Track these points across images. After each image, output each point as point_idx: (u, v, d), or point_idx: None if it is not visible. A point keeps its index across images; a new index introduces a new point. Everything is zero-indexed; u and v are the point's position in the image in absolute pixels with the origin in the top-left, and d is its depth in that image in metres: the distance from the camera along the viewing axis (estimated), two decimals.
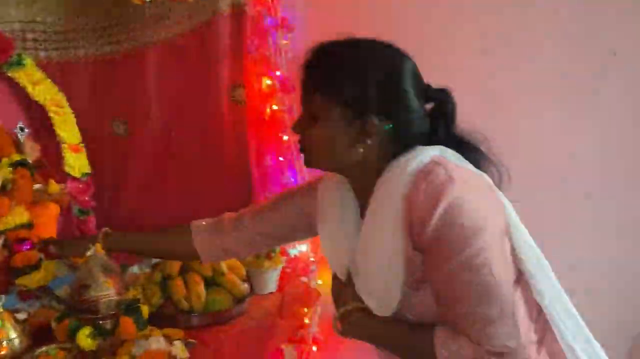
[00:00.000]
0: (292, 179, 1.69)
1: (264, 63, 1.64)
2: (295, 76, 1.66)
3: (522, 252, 0.98)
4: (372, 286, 1.01)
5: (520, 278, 0.99)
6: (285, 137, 1.68)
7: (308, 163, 1.05)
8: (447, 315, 0.93)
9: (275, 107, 1.65)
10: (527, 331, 0.97)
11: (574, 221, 1.54)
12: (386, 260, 0.96)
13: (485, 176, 0.99)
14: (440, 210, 0.88)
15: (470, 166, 0.99)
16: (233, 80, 1.72)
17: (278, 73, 1.66)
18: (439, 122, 1.01)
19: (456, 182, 0.90)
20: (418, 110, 0.99)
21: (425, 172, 0.92)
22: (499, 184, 1.01)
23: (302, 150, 1.04)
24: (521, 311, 0.97)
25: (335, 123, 0.97)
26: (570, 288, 1.05)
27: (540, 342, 1.00)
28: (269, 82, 1.66)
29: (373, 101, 0.96)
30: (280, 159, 1.70)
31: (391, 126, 0.97)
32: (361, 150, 0.97)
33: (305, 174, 1.71)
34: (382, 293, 0.99)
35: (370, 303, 1.02)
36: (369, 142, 0.97)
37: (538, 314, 1.01)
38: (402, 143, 0.98)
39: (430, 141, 1.00)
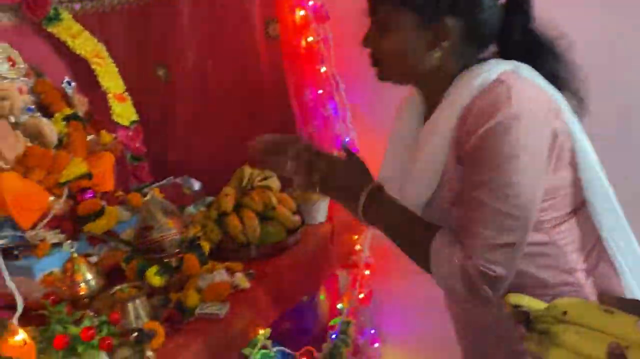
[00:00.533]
0: (333, 112, 1.69)
1: None
2: (328, 4, 1.65)
3: (587, 181, 0.96)
4: (407, 192, 1.02)
5: (581, 206, 0.98)
6: (323, 69, 1.66)
7: (382, 76, 1.03)
8: (459, 219, 0.92)
9: (310, 38, 1.63)
10: (576, 259, 0.97)
11: None
12: (426, 169, 0.96)
13: (555, 97, 0.94)
14: (486, 127, 0.87)
15: (543, 84, 0.94)
16: (266, 15, 1.70)
17: (311, 3, 1.62)
18: (515, 18, 0.97)
19: (513, 104, 0.87)
20: (491, 6, 0.95)
21: (487, 90, 0.90)
22: (576, 106, 0.97)
23: (374, 64, 1.02)
24: (573, 239, 0.97)
25: (408, 29, 0.95)
26: None
27: (589, 271, 0.99)
28: (302, 13, 1.62)
29: (444, 1, 0.92)
30: (320, 91, 1.69)
31: (464, 25, 0.94)
32: (437, 55, 0.96)
33: (347, 105, 1.71)
34: (414, 199, 1.01)
35: None
36: (444, 44, 0.94)
37: (594, 245, 1.00)
38: (477, 44, 0.97)
39: (506, 43, 0.97)
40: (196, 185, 1.97)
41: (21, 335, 0.84)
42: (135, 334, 1.13)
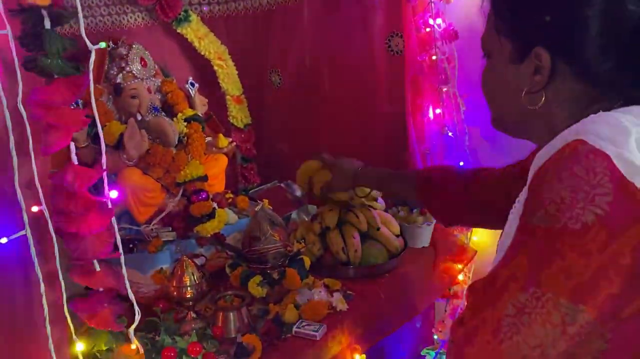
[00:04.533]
0: (451, 134, 1.61)
1: (424, 10, 1.54)
2: (457, 22, 1.57)
3: None
4: None
5: None
6: (445, 89, 1.59)
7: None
8: None
9: (434, 57, 1.56)
10: None
11: None
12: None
13: None
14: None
15: None
16: (390, 29, 1.65)
17: (439, 20, 1.55)
18: None
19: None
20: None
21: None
22: None
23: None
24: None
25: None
26: None
27: None
28: (428, 30, 1.56)
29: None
30: (438, 111, 1.62)
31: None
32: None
33: (466, 128, 1.62)
34: None
35: None
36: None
37: None
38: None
39: None
40: (298, 191, 1.98)
41: (135, 345, 0.86)
42: (235, 347, 1.15)
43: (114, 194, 0.81)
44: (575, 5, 0.73)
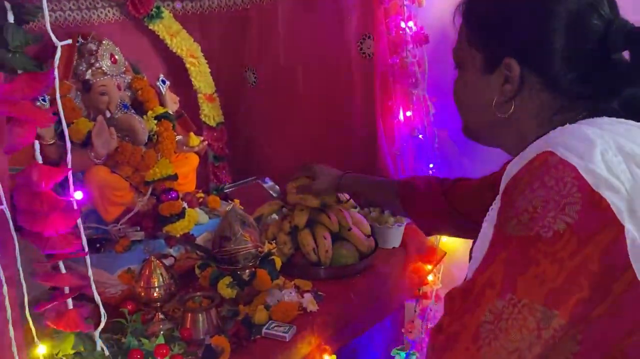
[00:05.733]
0: (421, 136, 1.63)
1: (397, 13, 1.55)
2: (428, 26, 1.59)
3: None
4: None
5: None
6: (415, 92, 1.60)
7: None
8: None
9: (405, 60, 1.57)
10: None
11: None
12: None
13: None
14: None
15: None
16: (362, 31, 1.66)
17: (411, 23, 1.56)
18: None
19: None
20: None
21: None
22: None
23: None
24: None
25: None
26: None
27: None
28: (400, 32, 1.57)
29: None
30: (408, 114, 1.64)
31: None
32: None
33: (435, 131, 1.64)
34: None
35: None
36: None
37: None
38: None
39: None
40: (275, 188, 1.96)
41: (100, 347, 0.85)
42: (203, 349, 1.14)
43: (78, 194, 0.80)
44: (541, 19, 0.77)
